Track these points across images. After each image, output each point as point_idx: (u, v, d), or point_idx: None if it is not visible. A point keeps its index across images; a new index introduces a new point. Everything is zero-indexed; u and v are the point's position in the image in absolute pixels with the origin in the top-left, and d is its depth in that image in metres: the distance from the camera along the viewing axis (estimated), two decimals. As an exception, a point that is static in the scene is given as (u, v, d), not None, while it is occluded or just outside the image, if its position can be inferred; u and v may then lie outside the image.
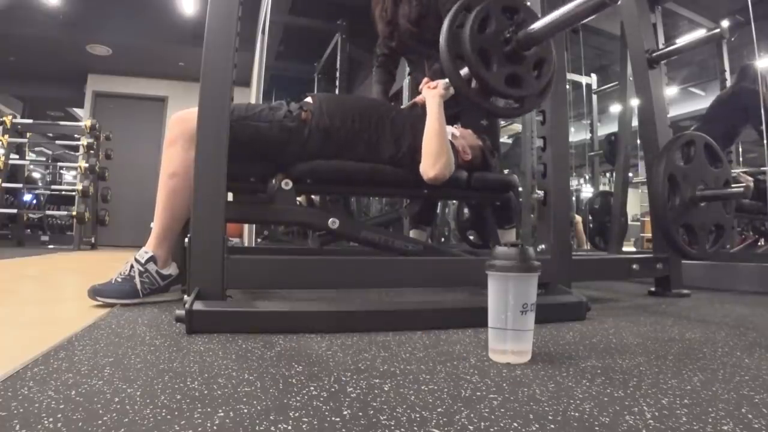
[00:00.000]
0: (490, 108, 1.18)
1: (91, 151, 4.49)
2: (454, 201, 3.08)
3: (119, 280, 1.26)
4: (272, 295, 1.41)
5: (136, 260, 1.28)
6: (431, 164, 1.36)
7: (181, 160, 1.29)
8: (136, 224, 5.33)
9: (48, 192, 5.30)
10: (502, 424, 0.50)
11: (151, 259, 1.28)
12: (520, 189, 2.51)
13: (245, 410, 0.52)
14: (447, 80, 1.36)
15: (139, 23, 4.93)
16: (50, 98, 7.25)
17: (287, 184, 1.36)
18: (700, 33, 3.82)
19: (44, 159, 8.06)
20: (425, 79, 1.53)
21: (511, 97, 1.16)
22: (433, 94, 1.43)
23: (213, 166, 1.03)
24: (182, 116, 1.33)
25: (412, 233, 2.25)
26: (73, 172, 5.54)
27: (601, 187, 4.75)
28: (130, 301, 1.24)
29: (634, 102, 2.54)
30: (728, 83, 3.50)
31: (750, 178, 2.66)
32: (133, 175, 5.86)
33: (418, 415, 0.52)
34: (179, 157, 1.30)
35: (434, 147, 1.36)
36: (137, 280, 1.26)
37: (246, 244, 3.11)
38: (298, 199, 1.48)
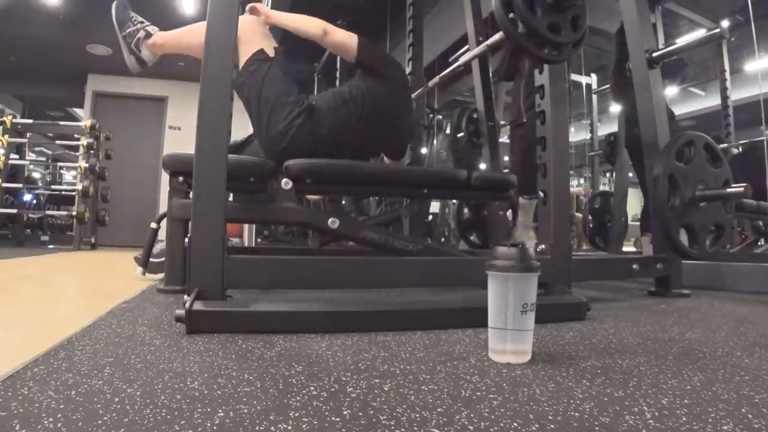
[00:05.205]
0: (532, 50, 1.25)
1: (91, 151, 4.49)
2: (455, 201, 3.09)
3: None
4: (272, 295, 1.41)
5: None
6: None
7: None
8: (136, 224, 5.34)
9: (48, 192, 5.30)
10: (502, 424, 0.50)
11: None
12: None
13: (245, 410, 0.52)
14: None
15: (139, 23, 4.92)
16: (50, 98, 7.25)
17: (287, 184, 1.36)
18: (700, 33, 3.82)
19: (44, 159, 8.07)
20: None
21: (551, 43, 1.25)
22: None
23: (213, 166, 1.03)
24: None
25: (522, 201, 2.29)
26: (73, 172, 5.54)
27: (601, 187, 4.75)
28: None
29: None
30: (728, 83, 3.50)
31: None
32: (133, 175, 5.86)
33: (418, 415, 0.52)
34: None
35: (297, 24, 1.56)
36: None
37: (246, 244, 3.11)
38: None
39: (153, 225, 1.87)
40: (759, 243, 3.52)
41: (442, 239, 4.53)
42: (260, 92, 1.44)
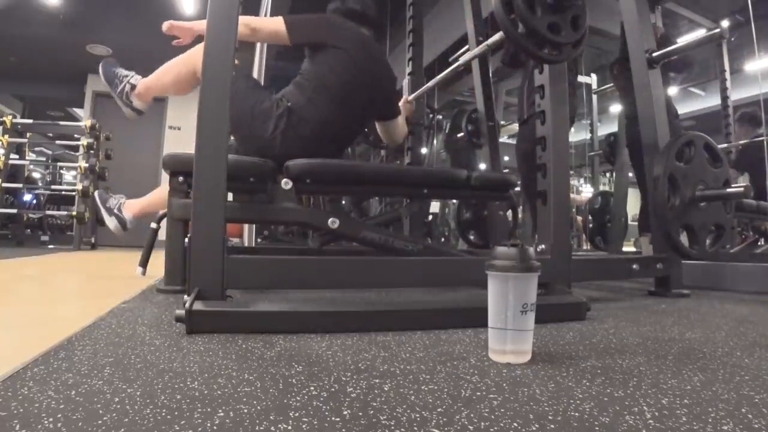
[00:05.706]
0: (532, 50, 1.25)
1: (91, 151, 4.49)
2: (455, 201, 3.09)
3: None
4: (272, 295, 1.41)
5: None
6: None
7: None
8: (136, 224, 5.32)
9: (48, 192, 5.30)
10: (502, 424, 0.50)
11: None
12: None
13: (245, 410, 0.52)
14: None
15: (139, 23, 4.93)
16: (50, 98, 7.25)
17: (287, 184, 1.36)
18: (700, 33, 3.82)
19: (44, 159, 8.07)
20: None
21: (551, 43, 1.24)
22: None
23: (213, 166, 1.03)
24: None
25: None
26: (73, 172, 5.54)
27: (601, 187, 4.76)
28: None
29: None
30: (728, 83, 3.50)
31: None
32: (133, 175, 5.85)
33: (418, 415, 0.52)
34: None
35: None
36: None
37: (246, 244, 3.11)
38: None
39: (153, 225, 1.87)
40: (759, 243, 3.52)
41: (442, 239, 4.53)
42: (232, 110, 1.45)
